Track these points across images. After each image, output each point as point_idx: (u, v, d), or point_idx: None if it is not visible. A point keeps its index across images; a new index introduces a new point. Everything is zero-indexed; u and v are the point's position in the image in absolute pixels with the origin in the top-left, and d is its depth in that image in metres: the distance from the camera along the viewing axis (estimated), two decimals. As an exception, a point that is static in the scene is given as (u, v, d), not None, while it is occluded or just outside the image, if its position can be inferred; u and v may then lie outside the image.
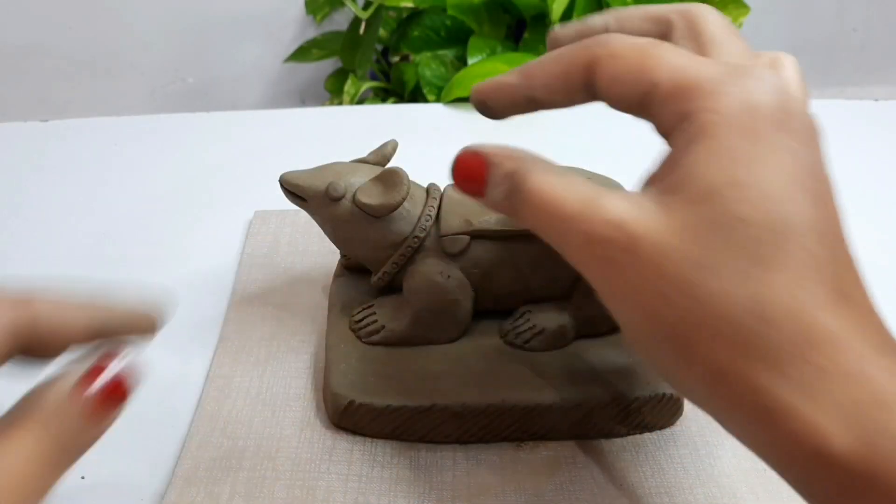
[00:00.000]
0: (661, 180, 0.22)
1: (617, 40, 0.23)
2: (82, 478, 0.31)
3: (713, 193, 0.20)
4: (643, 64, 0.22)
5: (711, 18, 0.25)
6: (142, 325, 0.23)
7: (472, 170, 0.24)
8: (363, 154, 0.34)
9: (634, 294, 0.21)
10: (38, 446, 0.19)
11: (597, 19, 0.27)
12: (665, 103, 0.22)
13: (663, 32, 0.25)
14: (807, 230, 0.20)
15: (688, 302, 0.20)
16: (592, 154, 0.50)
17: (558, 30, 0.27)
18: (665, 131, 0.22)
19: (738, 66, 0.22)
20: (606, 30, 0.26)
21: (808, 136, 0.21)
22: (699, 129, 0.21)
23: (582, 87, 0.24)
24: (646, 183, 0.23)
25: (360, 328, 0.33)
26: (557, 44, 0.27)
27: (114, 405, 0.21)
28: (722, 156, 0.20)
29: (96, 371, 0.20)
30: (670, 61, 0.22)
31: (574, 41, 0.25)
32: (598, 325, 0.32)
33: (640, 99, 0.22)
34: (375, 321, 0.33)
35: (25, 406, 0.19)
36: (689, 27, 0.25)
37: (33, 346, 0.21)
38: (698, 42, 0.24)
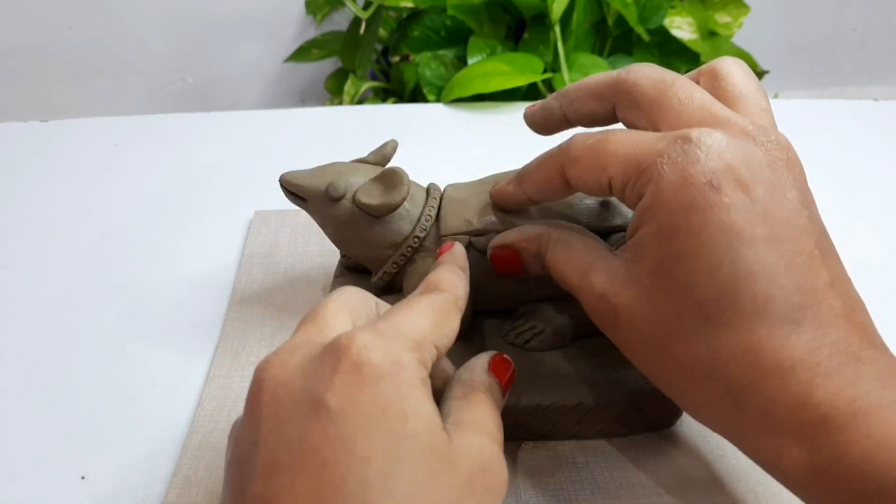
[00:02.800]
0: (629, 248, 0.25)
1: (574, 145, 0.26)
2: (82, 478, 0.31)
3: (662, 265, 0.24)
4: (597, 163, 0.26)
5: (735, 71, 0.27)
6: None
7: (508, 261, 0.29)
8: (363, 154, 0.34)
9: (627, 351, 0.26)
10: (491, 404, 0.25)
11: (552, 104, 0.30)
12: (623, 190, 0.25)
13: (607, 109, 0.28)
14: (756, 279, 0.22)
15: (667, 359, 0.24)
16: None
17: (527, 112, 0.31)
18: (631, 207, 0.26)
19: (678, 136, 0.24)
20: (564, 115, 0.29)
21: (758, 176, 0.23)
22: (646, 208, 0.24)
23: (564, 188, 0.28)
24: (625, 242, 0.26)
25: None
26: (532, 123, 0.31)
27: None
28: (664, 233, 0.24)
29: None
30: (617, 153, 0.25)
31: (541, 123, 0.30)
32: (598, 325, 0.32)
33: (606, 191, 0.26)
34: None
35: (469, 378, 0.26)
36: (713, 82, 0.27)
37: None
38: (723, 96, 0.26)
